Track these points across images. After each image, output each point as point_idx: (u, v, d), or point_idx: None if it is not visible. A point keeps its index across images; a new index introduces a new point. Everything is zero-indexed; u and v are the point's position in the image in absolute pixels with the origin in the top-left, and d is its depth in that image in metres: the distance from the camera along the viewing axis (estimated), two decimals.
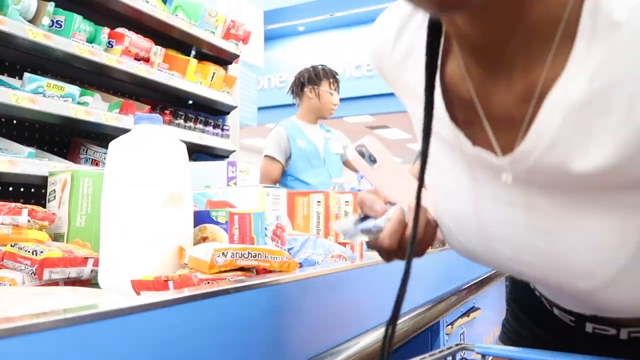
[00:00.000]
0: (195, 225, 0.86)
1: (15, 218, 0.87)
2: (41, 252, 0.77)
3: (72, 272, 0.79)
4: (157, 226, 0.77)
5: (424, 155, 0.54)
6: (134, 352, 0.48)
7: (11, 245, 0.80)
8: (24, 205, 0.90)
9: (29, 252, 0.77)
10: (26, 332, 0.39)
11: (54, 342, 0.41)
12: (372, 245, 0.64)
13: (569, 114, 0.48)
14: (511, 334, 0.88)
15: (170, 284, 0.69)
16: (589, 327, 0.72)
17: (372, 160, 0.68)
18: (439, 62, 0.56)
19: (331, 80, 2.90)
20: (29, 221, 0.89)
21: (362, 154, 0.68)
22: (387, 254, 0.63)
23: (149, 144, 0.78)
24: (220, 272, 0.72)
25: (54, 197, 1.01)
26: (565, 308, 0.74)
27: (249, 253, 0.75)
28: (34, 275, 0.75)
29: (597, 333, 0.72)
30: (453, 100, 0.57)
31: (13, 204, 0.89)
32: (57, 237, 0.97)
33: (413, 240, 0.55)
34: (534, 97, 0.50)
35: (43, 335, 0.40)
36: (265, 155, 2.90)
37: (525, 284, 0.83)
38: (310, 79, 2.90)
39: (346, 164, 3.07)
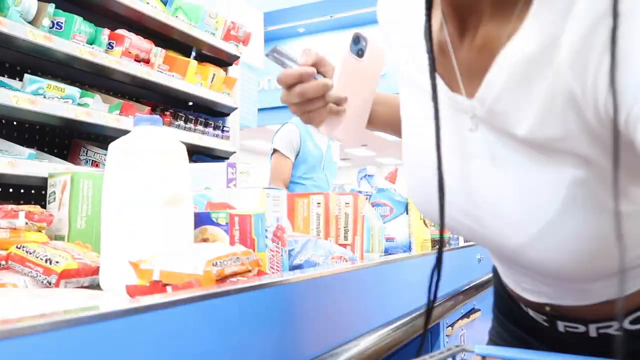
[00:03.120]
0: (195, 227, 0.86)
1: (12, 221, 0.86)
2: (56, 261, 0.76)
3: (86, 281, 0.79)
4: (158, 228, 0.77)
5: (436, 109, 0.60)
6: (134, 353, 0.48)
7: (17, 247, 0.79)
8: (20, 208, 0.89)
9: (40, 258, 0.76)
10: (26, 333, 0.39)
11: (54, 344, 0.41)
12: (280, 79, 0.72)
13: (514, 68, 0.53)
14: (496, 339, 0.88)
15: (169, 287, 0.68)
16: (560, 326, 0.73)
17: (359, 54, 0.66)
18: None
19: None
20: (26, 223, 0.88)
21: (356, 41, 0.67)
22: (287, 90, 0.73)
23: (149, 145, 0.78)
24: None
25: (54, 198, 1.01)
26: (533, 301, 0.74)
27: (230, 260, 0.72)
28: (48, 283, 0.75)
29: (569, 332, 0.73)
30: (434, 48, 0.63)
31: (9, 207, 0.88)
32: (57, 239, 0.97)
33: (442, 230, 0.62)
34: (494, 51, 0.55)
35: (43, 337, 0.40)
36: (276, 150, 2.89)
37: (506, 293, 0.83)
38: None
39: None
